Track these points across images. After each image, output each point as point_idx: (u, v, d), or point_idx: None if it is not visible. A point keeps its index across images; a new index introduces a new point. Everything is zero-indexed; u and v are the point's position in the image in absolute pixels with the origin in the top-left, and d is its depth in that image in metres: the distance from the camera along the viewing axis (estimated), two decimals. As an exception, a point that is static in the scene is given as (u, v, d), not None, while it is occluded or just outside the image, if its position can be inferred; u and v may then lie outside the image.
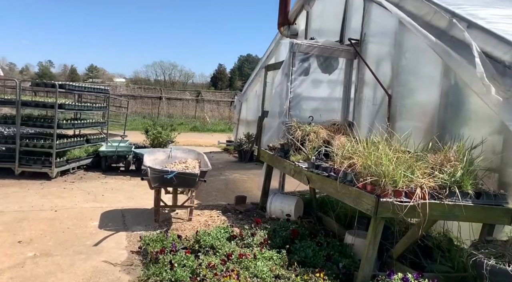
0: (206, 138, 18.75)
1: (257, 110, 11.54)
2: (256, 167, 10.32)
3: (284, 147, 5.60)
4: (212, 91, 38.02)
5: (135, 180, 8.38)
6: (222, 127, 24.91)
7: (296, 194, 6.81)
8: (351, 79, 6.98)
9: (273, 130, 6.46)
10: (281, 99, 6.42)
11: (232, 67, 65.34)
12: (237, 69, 65.07)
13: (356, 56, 6.88)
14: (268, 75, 10.54)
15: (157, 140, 10.91)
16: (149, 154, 5.95)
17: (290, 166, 5.15)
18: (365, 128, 6.34)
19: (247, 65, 66.20)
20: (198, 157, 6.15)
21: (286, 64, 6.36)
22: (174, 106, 31.51)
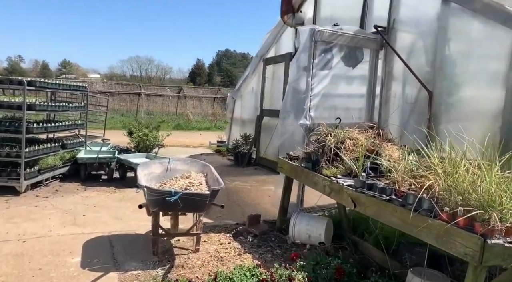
0: (193, 137, 17.56)
1: (254, 109, 10.48)
2: (256, 173, 9.25)
3: (311, 157, 4.56)
4: (194, 87, 36.66)
5: (120, 193, 7.20)
6: (207, 125, 23.71)
7: (316, 209, 5.80)
8: (376, 74, 6.00)
9: (289, 135, 5.42)
10: (298, 97, 5.37)
11: (211, 62, 64.49)
12: (216, 65, 64.33)
13: (383, 47, 5.90)
14: (267, 69, 9.50)
15: (143, 143, 9.69)
16: (143, 167, 4.81)
17: (324, 182, 4.11)
18: (394, 131, 5.39)
19: (226, 60, 65.54)
20: (203, 169, 5.04)
21: (305, 56, 5.31)
22: (153, 103, 30.13)
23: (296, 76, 5.45)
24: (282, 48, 9.27)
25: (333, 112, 5.65)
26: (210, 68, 62.47)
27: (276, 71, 9.44)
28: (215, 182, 4.52)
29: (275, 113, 9.07)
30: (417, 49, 5.45)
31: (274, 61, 9.40)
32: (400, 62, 5.52)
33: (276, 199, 6.77)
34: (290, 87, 5.51)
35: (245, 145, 10.21)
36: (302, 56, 5.38)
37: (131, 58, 61.50)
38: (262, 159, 9.84)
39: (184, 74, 61.63)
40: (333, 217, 5.16)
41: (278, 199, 6.74)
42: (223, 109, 30.16)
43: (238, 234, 5.10)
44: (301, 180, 4.70)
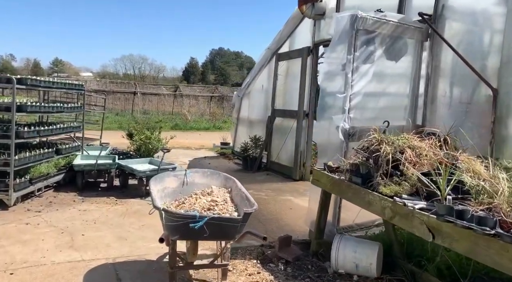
0: (192, 138, 16.75)
1: (264, 109, 9.70)
2: (269, 179, 8.47)
3: (360, 169, 3.78)
4: (190, 85, 35.76)
5: (122, 204, 6.39)
6: (205, 125, 22.88)
7: (354, 227, 5.03)
8: (420, 69, 5.24)
9: (324, 141, 4.64)
10: (335, 97, 4.58)
11: (204, 61, 64.08)
12: (209, 63, 63.89)
13: (428, 37, 5.13)
14: (280, 66, 8.72)
15: (145, 147, 8.86)
16: (156, 181, 4.00)
17: (383, 203, 3.33)
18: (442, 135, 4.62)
19: (219, 59, 65.09)
20: (226, 182, 4.24)
21: (344, 48, 4.53)
22: (149, 101, 29.30)
23: (331, 72, 4.67)
24: (297, 42, 8.49)
25: (374, 113, 4.88)
26: (204, 67, 62.11)
27: (290, 68, 8.66)
28: (243, 200, 3.72)
29: (289, 113, 8.31)
30: (472, 40, 4.70)
31: (288, 57, 8.62)
32: (451, 55, 4.78)
33: (299, 213, 6.01)
34: (324, 85, 4.73)
35: (254, 148, 9.42)
36: (339, 48, 4.59)
37: (124, 56, 60.43)
38: (274, 163, 9.06)
39: (178, 72, 60.95)
40: (379, 238, 4.39)
41: (301, 213, 5.99)
42: (221, 108, 29.42)
43: (266, 260, 4.32)
44: (347, 197, 3.91)
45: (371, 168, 3.69)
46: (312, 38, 7.93)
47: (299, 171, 8.12)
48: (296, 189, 7.58)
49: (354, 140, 4.65)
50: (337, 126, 4.57)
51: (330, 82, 4.69)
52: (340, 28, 4.56)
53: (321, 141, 4.71)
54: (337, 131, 4.59)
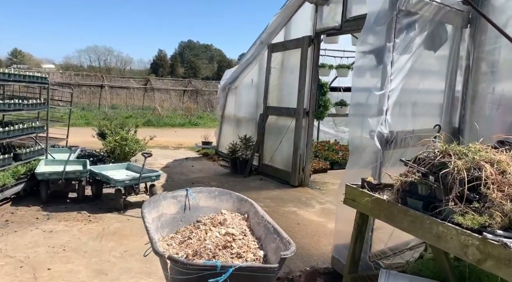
0: (168, 135, 15.59)
1: (255, 106, 8.76)
2: (264, 185, 7.56)
3: (419, 190, 2.93)
4: (162, 78, 34.21)
5: (97, 221, 5.33)
6: (180, 121, 21.67)
7: (387, 253, 4.20)
8: (459, 60, 4.45)
9: (355, 147, 3.78)
10: (370, 93, 3.72)
11: (173, 53, 62.94)
12: (179, 56, 62.76)
13: (469, 23, 4.34)
14: (273, 58, 7.78)
15: (120, 149, 7.74)
16: (150, 207, 3.00)
17: (464, 239, 2.48)
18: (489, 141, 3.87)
19: (189, 51, 64.09)
20: (240, 205, 3.30)
21: (381, 33, 3.65)
22: (117, 95, 27.77)
23: (364, 63, 3.80)
24: (294, 31, 7.58)
25: (408, 115, 4.06)
26: (173, 60, 60.94)
27: (286, 60, 7.75)
28: (270, 234, 2.80)
29: (286, 112, 7.43)
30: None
31: (284, 48, 7.70)
32: (499, 45, 4.02)
33: (309, 229, 5.15)
34: (356, 79, 3.86)
35: (244, 149, 8.48)
36: (375, 33, 3.72)
37: (89, 48, 57.73)
38: (267, 167, 8.15)
39: (145, 65, 59.23)
40: (427, 269, 3.58)
41: (311, 229, 5.13)
42: (195, 103, 28.23)
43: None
44: (402, 226, 3.04)
45: (436, 188, 2.85)
46: (313, 26, 7.04)
47: (298, 176, 7.26)
48: (298, 197, 6.71)
49: (390, 148, 3.83)
50: (371, 131, 3.72)
51: (362, 76, 3.82)
52: (377, 8, 3.69)
53: (353, 148, 3.83)
54: (370, 137, 3.73)
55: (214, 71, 59.66)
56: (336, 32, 6.68)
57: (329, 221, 5.56)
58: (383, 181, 3.78)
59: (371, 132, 3.73)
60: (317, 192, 7.14)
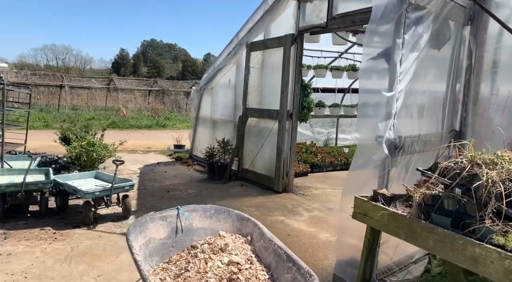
0: (135, 138, 14.81)
1: (232, 107, 8.31)
2: (246, 192, 7.13)
3: (447, 205, 2.60)
4: (125, 78, 32.99)
5: (64, 239, 4.71)
6: (147, 122, 20.81)
7: (393, 269, 3.88)
8: (460, 60, 4.20)
9: (364, 154, 3.43)
10: (380, 94, 3.38)
11: (136, 53, 61.69)
12: (141, 55, 61.56)
13: (470, 20, 4.11)
14: (253, 56, 7.38)
15: (87, 155, 7.07)
16: (136, 231, 2.51)
17: (508, 264, 2.18)
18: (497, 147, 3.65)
19: (152, 50, 63.12)
20: (241, 225, 2.86)
21: (390, 29, 3.32)
22: (78, 96, 26.49)
23: (370, 63, 3.45)
24: (275, 29, 7.19)
25: (413, 118, 3.76)
26: (136, 59, 59.71)
27: (266, 59, 7.35)
28: (283, 262, 2.38)
29: (268, 114, 7.04)
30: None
31: (265, 46, 7.29)
32: (503, 43, 3.80)
33: (301, 240, 4.73)
34: (362, 81, 3.50)
35: (222, 153, 8.01)
36: (383, 29, 3.39)
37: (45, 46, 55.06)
38: (247, 172, 7.72)
39: (107, 64, 57.37)
40: None
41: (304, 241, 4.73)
42: (162, 103, 27.32)
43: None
44: (427, 246, 2.68)
45: (467, 203, 2.53)
46: (295, 24, 6.68)
47: (282, 182, 6.88)
48: (283, 204, 6.32)
49: (399, 154, 3.51)
50: (379, 137, 3.37)
51: (369, 75, 3.47)
52: (383, 1, 3.35)
53: (358, 155, 3.47)
54: (377, 143, 3.39)
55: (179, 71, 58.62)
56: (321, 30, 6.35)
57: (321, 231, 5.22)
58: (389, 191, 3.47)
59: (379, 138, 3.39)
60: (302, 198, 6.79)
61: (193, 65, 60.59)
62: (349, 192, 3.47)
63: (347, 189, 3.55)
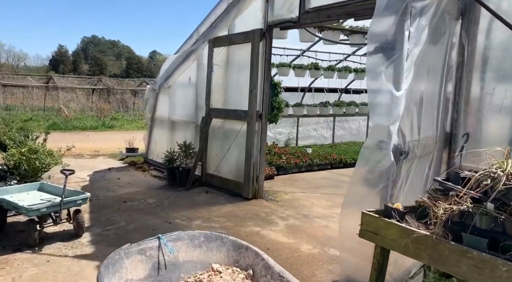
0: (80, 141, 13.60)
1: (193, 107, 7.74)
2: (212, 199, 6.57)
3: (480, 223, 2.26)
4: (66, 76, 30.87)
5: (2, 268, 3.92)
6: (92, 123, 19.43)
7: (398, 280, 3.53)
8: (452, 56, 3.96)
9: (370, 161, 3.04)
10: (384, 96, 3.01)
11: (76, 49, 58.94)
12: (82, 52, 58.93)
13: (462, 14, 3.88)
14: (216, 53, 6.86)
15: (27, 164, 6.14)
16: (108, 270, 1.91)
17: None
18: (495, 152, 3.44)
19: (93, 47, 60.78)
20: (238, 256, 2.35)
21: (395, 20, 2.96)
22: (12, 95, 24.42)
23: (375, 60, 3.06)
24: (241, 24, 6.69)
25: (414, 120, 3.44)
26: (76, 56, 56.89)
27: (232, 56, 6.83)
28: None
29: (234, 114, 6.55)
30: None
31: (229, 42, 6.77)
32: (497, 39, 3.60)
33: (283, 254, 4.27)
34: (368, 82, 3.11)
35: (184, 157, 7.38)
36: (387, 21, 3.01)
37: (-28, 41, 50.56)
38: (213, 177, 7.16)
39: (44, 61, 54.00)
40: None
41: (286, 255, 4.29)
42: (107, 103, 25.78)
43: None
44: (459, 271, 2.31)
45: (506, 221, 2.20)
46: (263, 18, 6.23)
47: (252, 187, 6.40)
48: (256, 213, 5.85)
49: (403, 162, 3.16)
50: (382, 142, 3.01)
51: (375, 74, 3.08)
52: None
53: (362, 161, 3.07)
54: (380, 148, 3.02)
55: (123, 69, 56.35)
56: (293, 25, 5.95)
57: (301, 242, 4.81)
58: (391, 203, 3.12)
59: (382, 143, 3.02)
60: (274, 204, 6.36)
61: (138, 63, 58.63)
62: (351, 205, 3.08)
63: (348, 201, 3.14)
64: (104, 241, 4.76)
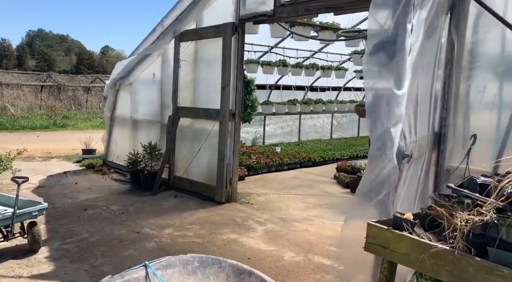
0: (30, 142, 12.62)
1: (158, 106, 7.27)
2: (183, 205, 6.15)
3: (507, 236, 2.06)
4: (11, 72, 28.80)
5: None
6: (42, 122, 18.22)
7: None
8: (441, 53, 3.81)
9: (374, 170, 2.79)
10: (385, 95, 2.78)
11: (20, 43, 56.01)
12: (27, 46, 55.87)
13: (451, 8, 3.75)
14: (183, 48, 6.47)
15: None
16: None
17: None
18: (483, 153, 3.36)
19: (40, 41, 57.94)
20: (240, 281, 1.99)
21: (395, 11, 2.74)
22: None
23: (374, 58, 2.82)
24: (210, 17, 6.30)
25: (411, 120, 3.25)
26: (20, 51, 53.93)
27: (201, 51, 6.42)
28: None
29: (205, 113, 6.20)
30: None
31: (198, 36, 6.36)
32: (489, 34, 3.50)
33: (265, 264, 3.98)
34: (366, 80, 2.85)
35: (149, 159, 6.89)
36: (386, 12, 2.77)
37: None
38: (181, 180, 6.72)
39: (-18, 56, 50.66)
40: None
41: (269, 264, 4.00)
42: (58, 100, 24.30)
43: None
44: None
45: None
46: (235, 11, 5.88)
47: (225, 191, 6.04)
48: (231, 218, 5.51)
49: (404, 165, 2.95)
50: (382, 145, 2.77)
51: (374, 71, 2.83)
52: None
53: (373, 170, 2.81)
54: (380, 152, 2.79)
55: (73, 64, 53.81)
56: (267, 19, 5.66)
57: (283, 250, 4.53)
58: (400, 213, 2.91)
59: (382, 146, 2.79)
60: (249, 207, 6.05)
61: (89, 59, 56.15)
62: (354, 216, 2.82)
63: (352, 212, 2.88)
64: (64, 256, 4.24)
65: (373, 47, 2.83)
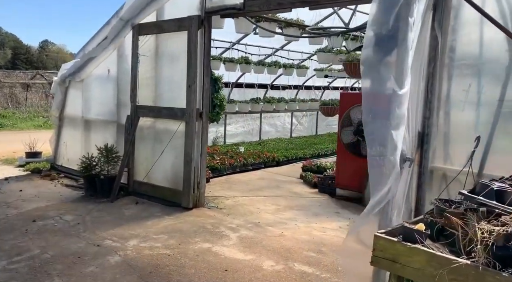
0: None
1: (114, 104, 6.76)
2: (145, 212, 5.68)
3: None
4: None
5: None
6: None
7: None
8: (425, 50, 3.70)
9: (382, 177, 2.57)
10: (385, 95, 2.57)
11: None
12: None
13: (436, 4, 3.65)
14: (142, 42, 6.02)
15: None
16: None
17: None
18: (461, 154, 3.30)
19: None
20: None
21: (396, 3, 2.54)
22: None
23: (373, 55, 2.60)
24: (172, 9, 5.86)
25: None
26: None
27: (163, 46, 5.97)
28: None
29: (167, 113, 5.81)
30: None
31: (159, 30, 5.90)
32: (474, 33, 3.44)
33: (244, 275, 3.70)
34: (364, 80, 2.63)
35: (106, 163, 6.33)
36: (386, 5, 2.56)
37: None
38: (142, 185, 6.23)
39: None
40: None
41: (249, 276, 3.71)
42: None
43: None
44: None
45: None
46: (201, 4, 5.50)
47: (193, 195, 5.64)
48: (201, 225, 5.14)
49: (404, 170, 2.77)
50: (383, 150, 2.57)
51: (373, 70, 2.61)
52: None
53: (378, 179, 2.58)
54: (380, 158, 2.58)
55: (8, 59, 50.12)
56: (237, 13, 5.34)
57: (261, 258, 4.25)
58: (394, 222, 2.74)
59: (383, 151, 2.58)
60: (218, 212, 5.70)
61: (26, 53, 52.50)
62: (358, 226, 2.59)
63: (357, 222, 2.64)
64: (13, 278, 3.69)
65: (372, 42, 2.61)
